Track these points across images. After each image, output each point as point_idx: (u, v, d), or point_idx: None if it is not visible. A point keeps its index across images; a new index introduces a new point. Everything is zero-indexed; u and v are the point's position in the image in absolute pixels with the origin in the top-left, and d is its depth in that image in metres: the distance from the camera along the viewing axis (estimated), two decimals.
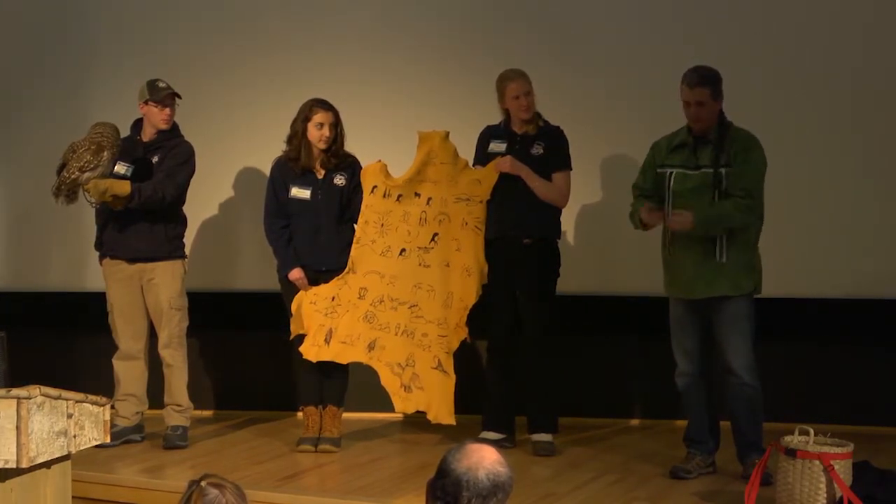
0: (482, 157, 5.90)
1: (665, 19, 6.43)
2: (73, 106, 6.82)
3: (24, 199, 6.96)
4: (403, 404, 5.86)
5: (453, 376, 5.77)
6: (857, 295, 6.12)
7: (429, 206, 5.85)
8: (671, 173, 5.25)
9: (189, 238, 6.25)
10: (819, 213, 6.18)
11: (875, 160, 6.20)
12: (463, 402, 5.82)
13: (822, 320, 5.62)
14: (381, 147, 6.03)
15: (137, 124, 6.04)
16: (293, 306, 5.85)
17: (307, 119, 5.81)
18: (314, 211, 5.86)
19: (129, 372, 6.00)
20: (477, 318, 5.82)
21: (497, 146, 5.87)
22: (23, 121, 6.97)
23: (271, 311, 6.15)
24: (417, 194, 5.86)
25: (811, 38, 6.22)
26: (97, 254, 6.09)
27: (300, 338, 5.86)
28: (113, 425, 5.08)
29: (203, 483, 2.79)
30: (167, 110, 5.92)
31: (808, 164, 6.17)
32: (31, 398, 3.87)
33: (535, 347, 5.78)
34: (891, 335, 6.17)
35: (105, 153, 5.66)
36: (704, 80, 5.17)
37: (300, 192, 5.86)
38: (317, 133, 5.81)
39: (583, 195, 6.31)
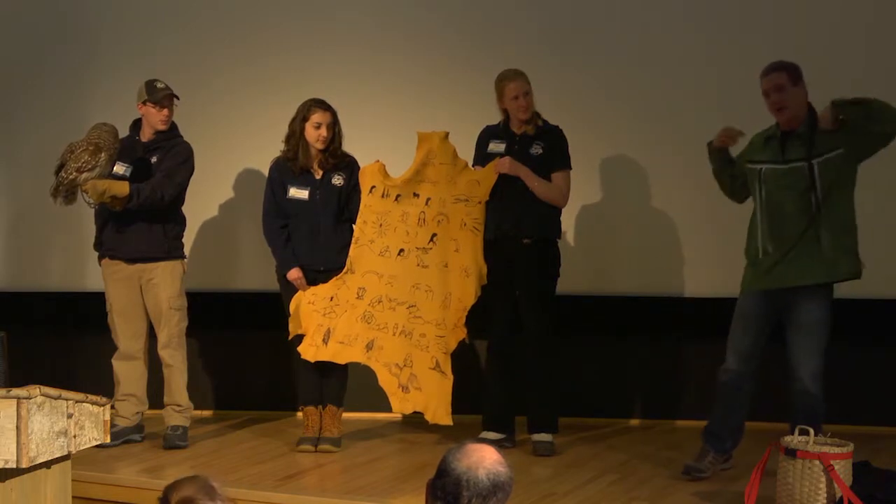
0: (481, 157, 5.90)
1: (666, 19, 6.43)
2: (73, 106, 6.83)
3: (24, 200, 6.97)
4: (401, 405, 5.86)
5: (451, 377, 5.77)
6: (856, 295, 6.11)
7: (427, 207, 5.85)
8: (761, 169, 5.12)
9: (188, 238, 6.26)
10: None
11: (873, 160, 6.20)
12: (463, 401, 5.83)
13: None
14: (379, 147, 6.03)
15: (136, 124, 6.04)
16: (291, 306, 5.86)
17: (305, 119, 5.82)
18: (312, 211, 5.86)
19: (128, 372, 6.01)
20: (476, 318, 5.82)
21: (496, 146, 5.87)
22: (22, 121, 6.98)
23: (270, 311, 6.16)
24: (416, 195, 5.86)
25: (815, 34, 6.20)
26: (96, 254, 6.10)
27: (299, 338, 5.87)
28: (113, 425, 5.09)
29: None
30: (165, 111, 5.93)
31: None
32: (31, 398, 3.87)
33: (535, 347, 5.78)
34: (891, 335, 6.17)
35: (103, 154, 5.66)
36: (779, 66, 5.07)
37: (298, 193, 5.86)
38: (314, 133, 5.81)
39: (583, 195, 6.32)
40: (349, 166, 5.91)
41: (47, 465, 4.07)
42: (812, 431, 4.63)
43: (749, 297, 5.20)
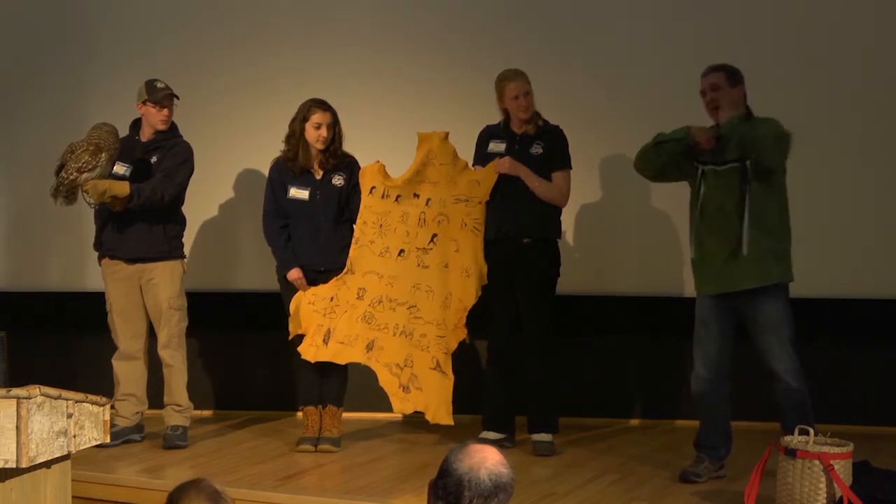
0: (481, 157, 5.90)
1: (666, 18, 6.44)
2: (73, 106, 6.84)
3: (24, 200, 6.98)
4: (402, 405, 5.86)
5: (451, 377, 5.77)
6: (856, 294, 6.13)
7: (428, 207, 5.85)
8: (703, 170, 5.12)
9: (188, 238, 6.26)
10: (818, 213, 6.18)
11: (873, 160, 6.21)
12: (463, 401, 5.83)
13: (821, 320, 5.63)
14: (380, 147, 6.04)
15: (136, 124, 6.05)
16: (292, 306, 5.86)
17: (305, 119, 5.82)
18: (313, 211, 5.86)
19: (128, 372, 6.01)
20: (476, 318, 5.82)
21: (496, 146, 5.87)
22: (22, 121, 6.98)
23: (270, 311, 6.16)
24: (416, 195, 5.86)
25: (814, 37, 6.22)
26: (96, 254, 6.10)
27: (299, 338, 5.87)
28: (113, 425, 5.09)
29: None
30: (165, 111, 5.93)
31: (807, 164, 6.13)
32: (30, 398, 3.87)
33: (535, 347, 5.78)
34: (890, 335, 6.18)
35: (103, 154, 5.66)
36: (718, 67, 5.12)
37: (299, 193, 5.86)
38: (314, 133, 5.81)
39: (583, 195, 6.33)
40: (349, 166, 5.91)
41: (47, 464, 4.06)
42: (812, 431, 4.63)
43: (704, 300, 5.21)
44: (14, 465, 3.86)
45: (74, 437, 4.13)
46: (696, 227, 5.19)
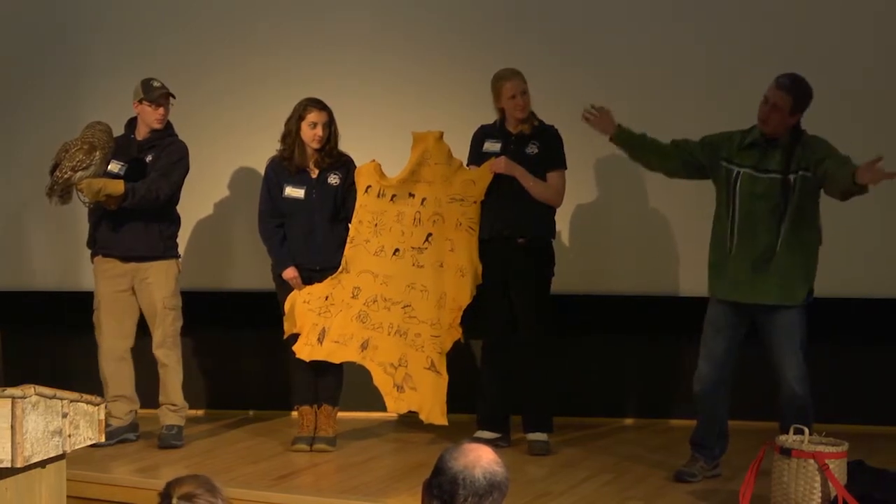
0: (476, 156, 5.91)
1: (665, 18, 6.43)
2: (68, 105, 6.82)
3: (19, 199, 6.96)
4: (396, 404, 5.87)
5: (446, 376, 5.78)
6: (849, 294, 6.13)
7: (423, 207, 5.86)
8: (738, 173, 5.09)
9: (183, 237, 6.27)
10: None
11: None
12: (458, 401, 5.85)
13: (815, 320, 5.63)
14: (375, 147, 6.04)
15: (132, 123, 6.05)
16: (287, 305, 5.87)
17: (301, 118, 5.83)
18: (308, 210, 5.87)
19: (116, 373, 5.99)
20: (471, 318, 5.83)
21: (492, 146, 5.88)
22: (19, 121, 6.97)
23: (265, 310, 6.17)
24: (412, 195, 5.87)
25: (815, 37, 6.20)
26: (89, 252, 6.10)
27: (294, 337, 5.87)
28: (107, 426, 5.08)
29: (175, 499, 2.77)
30: (161, 110, 5.93)
31: None
32: (25, 398, 3.87)
33: (529, 347, 5.79)
34: (885, 335, 6.19)
35: (97, 153, 5.67)
36: (792, 88, 4.98)
37: (294, 192, 5.87)
38: (310, 132, 5.82)
39: (578, 194, 6.32)
40: (345, 166, 5.92)
41: (42, 464, 4.06)
42: (807, 431, 4.65)
43: (719, 305, 5.20)
44: (9, 465, 3.86)
45: (69, 436, 4.12)
46: (722, 230, 5.16)
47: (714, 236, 5.23)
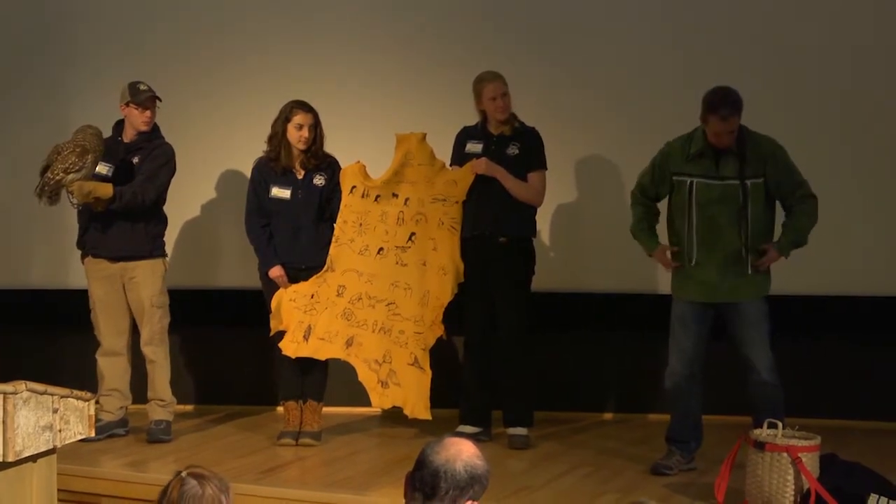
0: (459, 157, 5.97)
1: (650, 18, 6.44)
2: (56, 106, 6.81)
3: (7, 198, 6.95)
4: (380, 400, 5.93)
5: (429, 372, 5.83)
6: (820, 291, 6.18)
7: (406, 207, 5.92)
8: (692, 182, 5.18)
9: (171, 237, 6.29)
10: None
11: (869, 160, 6.24)
12: (440, 396, 5.89)
13: (788, 316, 5.69)
14: (360, 148, 6.08)
15: (119, 125, 6.07)
16: (273, 303, 5.91)
17: (287, 120, 5.89)
18: (294, 210, 5.93)
19: (112, 368, 6.05)
20: (454, 315, 5.89)
21: (473, 147, 5.94)
22: (6, 121, 6.96)
23: (252, 308, 6.20)
24: (395, 195, 5.94)
25: (806, 38, 6.23)
26: (79, 252, 6.15)
27: (280, 334, 5.93)
28: (97, 420, 5.12)
29: (184, 473, 2.84)
30: (148, 112, 5.97)
31: (803, 163, 6.11)
32: (17, 393, 3.90)
33: (510, 343, 5.86)
34: (857, 330, 6.24)
35: (89, 156, 5.71)
36: (736, 108, 5.07)
37: (280, 192, 5.93)
38: (296, 134, 5.88)
39: (558, 194, 6.34)
40: (330, 167, 5.98)
41: (33, 458, 4.09)
42: (780, 425, 4.72)
43: (686, 304, 5.29)
44: (0, 459, 3.90)
45: (60, 431, 4.16)
46: (680, 236, 5.26)
47: (673, 242, 5.33)
